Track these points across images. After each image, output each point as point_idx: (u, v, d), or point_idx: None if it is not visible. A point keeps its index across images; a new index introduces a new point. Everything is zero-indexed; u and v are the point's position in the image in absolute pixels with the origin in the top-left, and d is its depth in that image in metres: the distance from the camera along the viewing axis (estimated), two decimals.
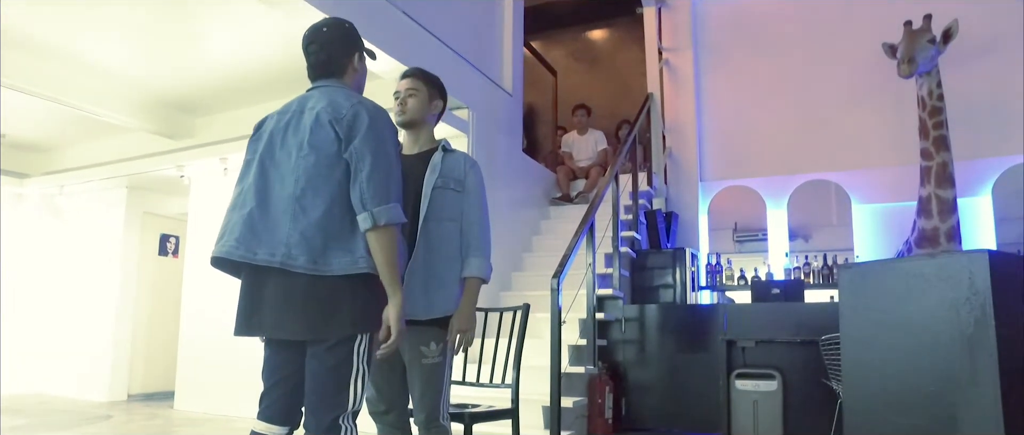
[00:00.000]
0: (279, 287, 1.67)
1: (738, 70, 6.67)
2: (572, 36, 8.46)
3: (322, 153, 1.69)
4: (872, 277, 1.94)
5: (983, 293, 1.56)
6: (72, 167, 6.70)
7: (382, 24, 3.99)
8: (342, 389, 1.67)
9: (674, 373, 4.48)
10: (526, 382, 4.02)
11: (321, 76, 1.88)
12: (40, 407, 5.76)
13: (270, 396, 1.77)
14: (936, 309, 1.68)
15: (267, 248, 1.66)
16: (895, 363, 1.80)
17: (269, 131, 1.82)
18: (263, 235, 1.67)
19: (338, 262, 1.65)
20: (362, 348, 1.71)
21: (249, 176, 1.77)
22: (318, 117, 1.73)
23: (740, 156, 6.50)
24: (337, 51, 1.87)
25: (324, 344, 1.67)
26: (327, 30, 1.89)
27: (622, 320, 4.68)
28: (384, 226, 1.66)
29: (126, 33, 4.50)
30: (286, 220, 1.67)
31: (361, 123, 1.71)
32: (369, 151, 1.68)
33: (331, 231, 1.66)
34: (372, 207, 1.65)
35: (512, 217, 5.48)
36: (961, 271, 1.60)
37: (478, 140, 4.92)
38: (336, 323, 1.66)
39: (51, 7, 4.11)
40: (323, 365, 1.67)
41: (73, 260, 6.91)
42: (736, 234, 6.70)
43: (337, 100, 1.76)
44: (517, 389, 2.70)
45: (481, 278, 2.22)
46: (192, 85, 5.16)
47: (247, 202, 1.73)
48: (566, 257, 3.88)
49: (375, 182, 1.67)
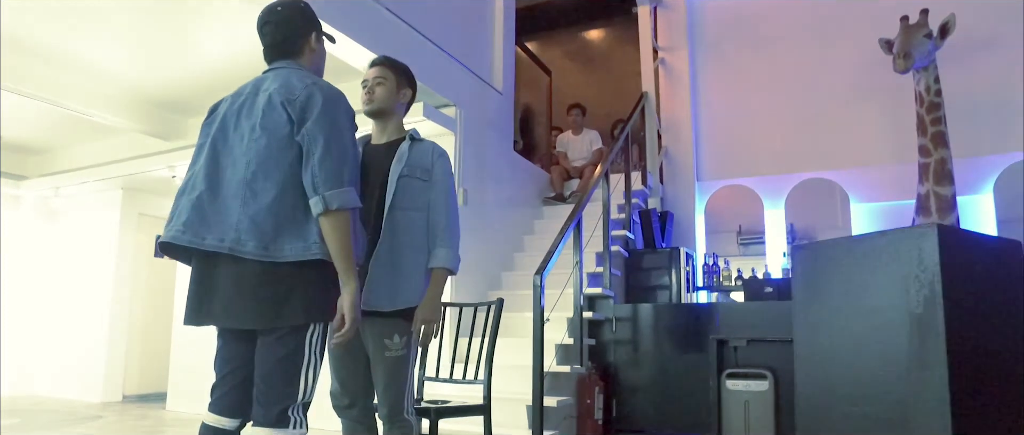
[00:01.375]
0: (229, 274, 1.61)
1: (734, 68, 6.60)
2: (568, 36, 8.43)
3: (274, 136, 1.64)
4: (825, 257, 1.87)
5: (932, 271, 1.48)
6: (68, 169, 6.72)
7: (365, 20, 3.96)
8: (292, 380, 1.62)
9: (665, 373, 4.41)
10: (510, 380, 3.99)
11: (277, 57, 1.82)
12: (35, 407, 5.76)
13: (221, 387, 1.73)
14: (887, 289, 1.61)
15: (216, 233, 1.60)
16: (847, 348, 1.73)
17: (222, 114, 1.76)
18: (212, 220, 1.62)
19: (290, 248, 1.60)
20: (314, 338, 1.66)
21: (200, 159, 1.72)
22: (271, 99, 1.67)
23: (737, 155, 6.42)
24: (292, 31, 1.82)
25: (275, 333, 1.62)
26: (281, 9, 1.84)
27: (613, 319, 4.61)
28: (336, 211, 1.60)
29: (118, 35, 4.50)
30: (236, 204, 1.61)
31: (314, 105, 1.65)
32: (322, 133, 1.63)
33: (283, 216, 1.61)
34: (324, 191, 1.60)
35: (503, 216, 5.44)
36: (911, 248, 1.53)
37: (467, 138, 4.89)
38: (287, 312, 1.60)
39: (46, 10, 4.12)
40: (273, 355, 1.61)
41: (69, 261, 6.93)
42: (740, 237, 6.62)
43: (291, 81, 1.70)
44: (489, 386, 2.64)
45: (448, 269, 2.17)
46: (183, 86, 5.16)
47: (197, 186, 1.67)
48: (550, 254, 3.83)
49: (327, 166, 1.61)
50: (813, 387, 1.83)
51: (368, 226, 2.12)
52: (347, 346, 2.13)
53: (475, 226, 4.89)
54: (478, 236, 4.93)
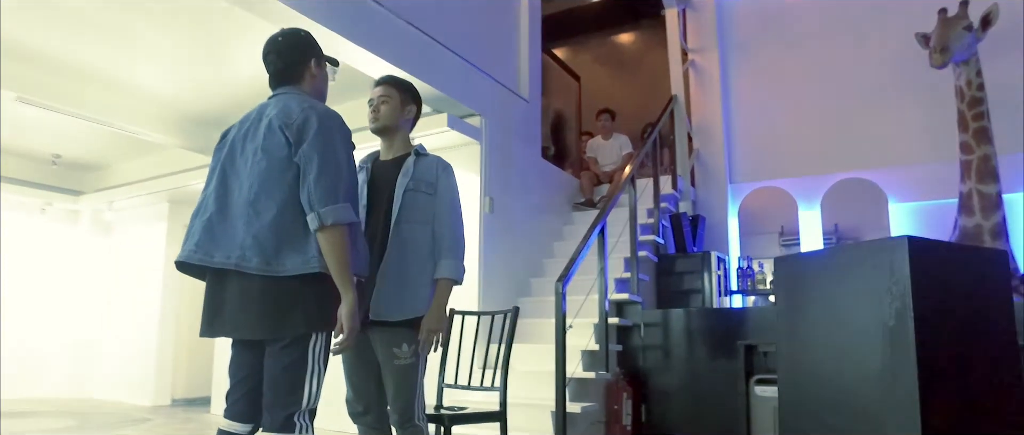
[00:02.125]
0: (236, 289, 1.72)
1: (766, 68, 6.50)
2: (597, 41, 8.42)
3: (273, 158, 1.75)
4: (805, 269, 1.84)
5: (903, 283, 1.45)
6: (119, 184, 7.07)
7: (389, 36, 4.07)
8: (297, 387, 1.71)
9: (695, 379, 4.37)
10: (536, 386, 4.02)
11: (280, 84, 1.94)
12: (91, 409, 6.07)
13: (234, 394, 1.83)
14: (861, 301, 1.59)
15: (223, 251, 1.72)
16: (825, 359, 1.71)
17: (231, 139, 1.89)
18: (220, 239, 1.74)
19: (291, 262, 1.70)
20: (317, 347, 1.75)
21: (211, 183, 1.85)
22: (270, 123, 1.79)
23: (770, 156, 6.32)
24: (293, 59, 1.93)
25: (279, 343, 1.71)
26: (282, 39, 1.95)
27: (640, 325, 4.60)
28: (331, 226, 1.69)
29: (161, 58, 4.78)
30: (241, 224, 1.73)
31: (310, 127, 1.75)
32: (317, 153, 1.72)
33: (284, 233, 1.71)
34: (319, 208, 1.69)
35: (531, 223, 5.47)
36: (883, 261, 1.51)
37: (492, 147, 4.95)
38: (290, 322, 1.70)
39: (98, 38, 4.40)
40: (278, 363, 1.71)
41: (121, 272, 7.28)
42: (783, 238, 6.51)
43: (289, 106, 1.81)
44: (505, 392, 2.69)
45: (453, 279, 2.23)
46: (219, 103, 5.38)
47: (208, 208, 1.80)
48: (573, 261, 3.85)
49: (322, 184, 1.70)
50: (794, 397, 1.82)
51: (376, 239, 2.20)
52: (359, 355, 2.22)
53: (502, 234, 4.94)
54: (505, 243, 4.98)
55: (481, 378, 2.85)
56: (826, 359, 1.73)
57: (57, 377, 7.24)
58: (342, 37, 3.73)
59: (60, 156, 7.09)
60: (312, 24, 3.54)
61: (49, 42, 4.48)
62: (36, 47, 4.56)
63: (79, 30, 4.31)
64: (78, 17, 4.13)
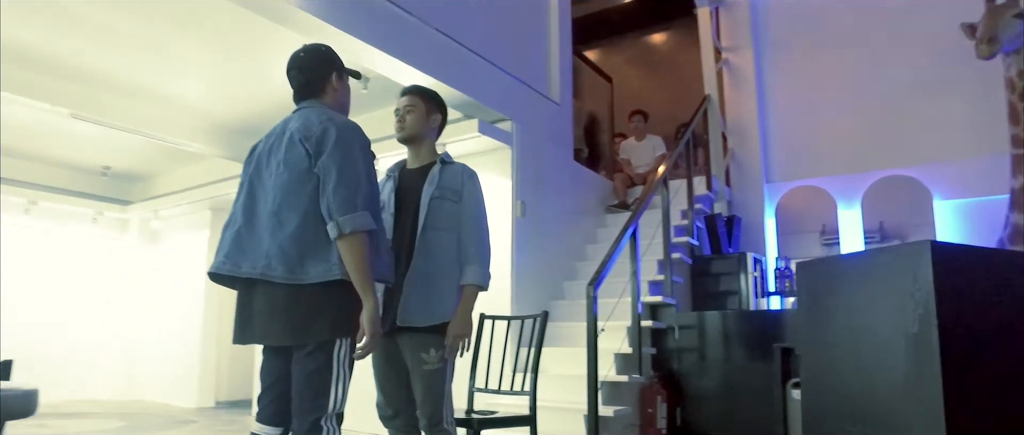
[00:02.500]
0: (264, 297, 1.78)
1: (802, 65, 6.37)
2: (629, 42, 8.37)
3: (295, 170, 1.80)
4: (827, 275, 1.79)
5: (925, 289, 1.40)
6: (164, 193, 7.31)
7: (419, 44, 4.11)
8: (323, 392, 1.75)
9: (731, 382, 4.30)
10: (568, 390, 4.01)
11: (303, 98, 1.99)
12: (141, 411, 6.29)
13: (265, 398, 1.89)
14: (884, 307, 1.53)
15: (250, 261, 1.78)
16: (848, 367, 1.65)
17: (258, 153, 1.95)
18: (248, 249, 1.80)
19: (314, 271, 1.74)
20: (342, 353, 1.79)
21: (240, 196, 1.92)
22: (291, 137, 1.84)
23: (808, 155, 6.18)
24: (314, 74, 1.98)
25: (305, 349, 1.76)
26: (304, 55, 2.00)
27: (674, 328, 4.55)
28: (350, 234, 1.73)
29: (201, 72, 4.96)
30: (266, 234, 1.78)
31: (329, 138, 1.80)
32: (335, 164, 1.77)
33: (306, 242, 1.75)
34: (338, 216, 1.73)
35: (564, 226, 5.47)
36: (906, 266, 1.45)
37: (523, 151, 4.96)
38: (315, 329, 1.74)
39: (140, 55, 4.60)
40: (305, 369, 1.76)
41: (167, 278, 7.53)
42: (824, 237, 6.37)
43: (309, 119, 1.86)
44: (534, 396, 2.69)
45: (478, 285, 2.25)
46: (256, 113, 5.53)
47: (236, 220, 1.87)
48: (604, 264, 3.84)
49: (340, 193, 1.74)
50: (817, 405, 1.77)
51: (403, 246, 2.24)
52: (388, 360, 2.26)
53: (534, 237, 4.95)
54: (538, 247, 4.98)
55: (511, 382, 2.86)
56: (849, 366, 1.68)
57: (108, 379, 7.53)
58: (373, 47, 3.79)
59: (110, 168, 7.38)
60: (344, 35, 3.62)
61: (99, 61, 4.70)
62: (86, 66, 4.78)
63: (126, 49, 4.51)
64: (126, 37, 4.32)
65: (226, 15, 3.76)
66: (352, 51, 3.82)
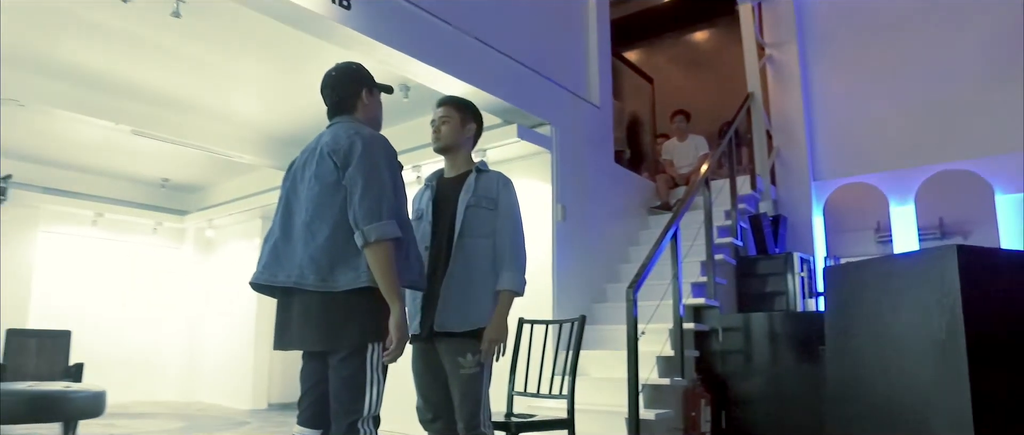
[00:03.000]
0: (300, 305, 1.87)
1: (850, 58, 6.20)
2: (670, 41, 8.28)
3: (325, 183, 1.88)
4: (854, 279, 1.74)
5: (953, 295, 1.35)
6: (218, 203, 7.61)
7: (456, 54, 4.18)
8: (359, 396, 1.82)
9: (777, 384, 4.22)
10: (609, 393, 4.01)
11: (335, 114, 2.08)
12: (198, 413, 6.56)
13: (304, 402, 1.98)
14: (910, 313, 1.49)
15: (285, 271, 1.88)
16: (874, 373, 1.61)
17: (294, 168, 2.05)
18: (284, 260, 1.90)
19: (344, 279, 1.82)
20: (375, 357, 1.85)
21: (278, 210, 2.02)
22: (321, 151, 1.93)
23: (857, 151, 6.02)
24: (345, 91, 2.07)
25: (338, 355, 1.83)
26: (335, 74, 2.10)
27: (718, 330, 4.50)
28: (375, 242, 1.80)
29: (251, 87, 5.18)
30: (300, 245, 1.88)
31: (355, 151, 1.87)
32: (361, 176, 1.84)
33: (336, 251, 1.83)
34: (363, 225, 1.80)
35: (605, 229, 5.45)
36: (932, 270, 1.41)
37: (563, 155, 4.97)
38: (346, 335, 1.82)
39: (195, 73, 4.84)
40: (339, 375, 1.84)
41: (222, 284, 7.84)
42: (878, 235, 6.20)
43: (339, 134, 1.94)
44: (572, 400, 2.71)
45: (513, 291, 2.28)
46: (301, 123, 5.72)
47: (274, 232, 1.97)
48: (644, 267, 3.83)
49: (366, 203, 1.82)
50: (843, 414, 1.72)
51: (441, 253, 2.29)
52: (427, 365, 2.32)
53: (575, 241, 4.96)
54: (579, 250, 4.99)
55: (550, 386, 2.89)
56: (875, 373, 1.65)
57: (169, 382, 7.87)
58: (413, 58, 3.87)
59: (168, 180, 7.73)
60: (383, 47, 3.71)
61: (158, 81, 4.98)
62: (147, 86, 5.05)
63: (184, 69, 4.76)
64: (184, 58, 4.56)
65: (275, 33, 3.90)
66: (392, 62, 3.91)
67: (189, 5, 3.76)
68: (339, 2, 3.44)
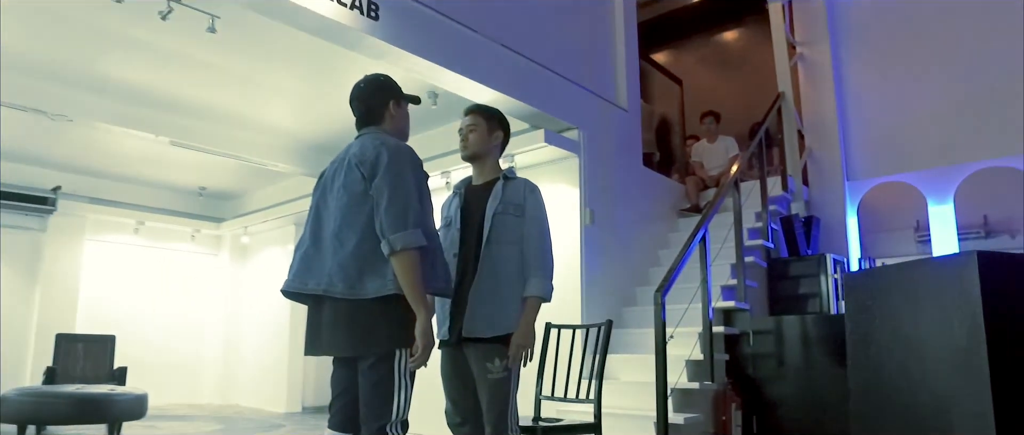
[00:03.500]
0: (329, 312, 1.92)
1: (884, 54, 6.08)
2: (699, 43, 8.22)
3: (352, 193, 1.93)
4: (873, 286, 1.71)
5: (973, 301, 1.32)
6: (253, 210, 7.80)
7: (483, 62, 4.22)
8: (387, 401, 1.86)
9: (811, 389, 4.16)
10: (638, 397, 4.00)
11: (363, 125, 2.13)
12: (235, 415, 6.72)
13: (335, 406, 2.03)
14: (931, 319, 1.45)
15: (315, 278, 1.93)
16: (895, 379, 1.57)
17: (325, 178, 2.11)
18: (313, 268, 1.95)
19: (371, 286, 1.86)
20: (402, 363, 1.89)
21: (309, 219, 2.07)
22: (349, 162, 1.98)
23: (892, 149, 5.89)
24: (372, 102, 2.12)
25: (367, 361, 1.88)
26: (363, 86, 2.15)
27: (749, 333, 4.45)
28: (401, 251, 1.84)
29: (285, 97, 5.32)
30: (329, 254, 1.93)
31: (381, 162, 1.92)
32: (387, 186, 1.89)
33: (364, 260, 1.88)
34: (389, 234, 1.84)
35: (635, 233, 5.44)
36: (952, 276, 1.38)
37: (590, 159, 4.98)
38: (374, 340, 1.86)
39: (230, 85, 5.00)
40: (368, 380, 1.88)
41: (257, 290, 8.02)
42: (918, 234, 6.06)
43: (366, 145, 1.99)
44: (599, 404, 2.73)
45: (540, 297, 2.30)
46: (333, 131, 5.84)
47: (305, 241, 2.03)
48: (672, 270, 3.81)
49: (391, 212, 1.86)
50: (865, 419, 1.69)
51: (469, 260, 2.32)
52: (456, 370, 2.35)
53: (604, 245, 4.96)
54: (608, 254, 4.99)
55: (577, 390, 2.91)
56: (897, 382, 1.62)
57: (208, 385, 8.08)
58: (440, 66, 3.93)
59: (205, 188, 7.95)
60: (410, 56, 3.78)
61: (195, 93, 5.14)
62: (184, 99, 5.22)
63: (217, 81, 4.90)
64: (220, 71, 4.70)
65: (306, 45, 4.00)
66: (419, 70, 3.98)
67: (223, 20, 3.88)
68: (367, 13, 3.52)
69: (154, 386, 5.21)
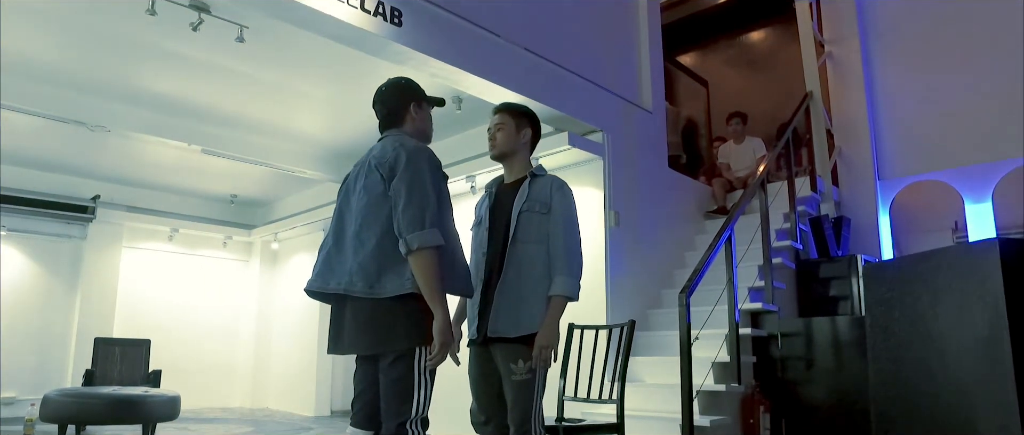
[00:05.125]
0: (351, 310, 1.96)
1: (916, 50, 5.95)
2: (725, 44, 8.14)
3: (372, 194, 1.97)
4: (894, 276, 1.66)
5: (995, 291, 1.28)
6: (283, 217, 7.94)
7: (507, 65, 4.25)
8: (407, 398, 1.88)
9: (841, 392, 4.08)
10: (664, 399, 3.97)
11: (386, 128, 2.17)
12: (265, 418, 6.83)
13: (357, 404, 2.06)
14: (952, 309, 1.41)
15: (336, 278, 1.97)
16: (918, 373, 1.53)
17: (348, 181, 2.15)
18: (335, 268, 1.99)
19: (390, 285, 1.89)
20: (422, 361, 1.91)
21: (332, 221, 2.12)
22: (370, 164, 2.02)
23: (926, 148, 5.76)
24: (394, 104, 2.16)
25: (387, 359, 1.91)
26: (386, 89, 2.19)
27: (778, 335, 4.38)
28: (418, 250, 1.86)
29: (315, 105, 5.43)
30: (350, 254, 1.97)
31: (400, 163, 1.95)
32: (404, 186, 1.91)
33: (383, 259, 1.91)
34: (406, 234, 1.87)
35: (660, 234, 5.41)
36: (973, 265, 1.34)
37: (615, 161, 4.97)
38: (394, 338, 1.88)
39: (261, 95, 5.12)
40: (388, 378, 1.90)
41: (286, 296, 8.15)
42: (956, 235, 5.91)
43: (386, 147, 2.03)
44: (622, 405, 2.71)
45: (566, 296, 2.26)
46: (359, 137, 5.93)
47: (328, 242, 2.07)
48: (697, 271, 3.78)
49: (409, 213, 1.88)
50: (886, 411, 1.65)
51: (496, 259, 2.32)
52: (481, 369, 2.36)
53: (629, 247, 4.94)
54: (633, 256, 4.96)
55: (600, 391, 2.90)
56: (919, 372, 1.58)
57: (239, 389, 8.23)
58: (464, 70, 3.97)
59: (236, 196, 8.12)
60: (435, 62, 3.83)
61: (225, 102, 5.29)
62: (215, 108, 5.37)
63: (247, 89, 5.02)
64: (247, 79, 4.82)
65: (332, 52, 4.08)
66: (444, 75, 4.02)
67: (251, 30, 3.98)
68: (391, 20, 3.57)
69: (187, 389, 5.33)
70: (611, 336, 3.01)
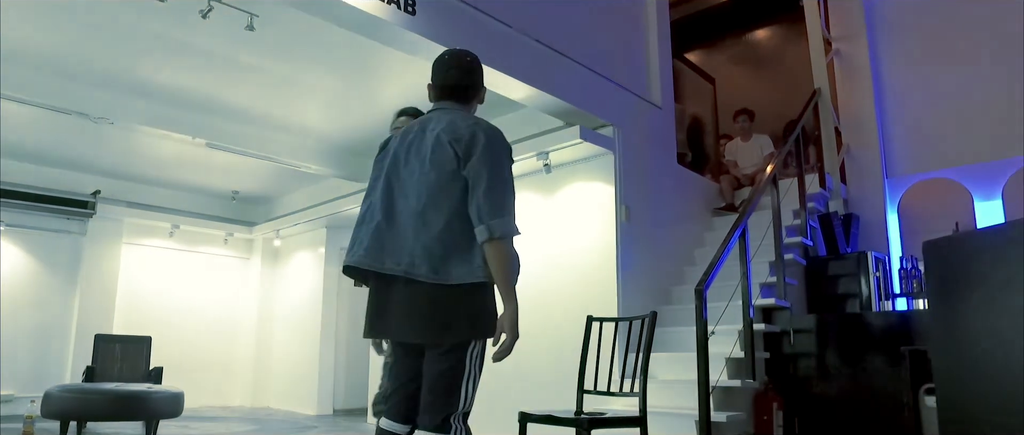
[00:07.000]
0: (403, 294, 1.80)
1: (925, 47, 5.93)
2: (732, 41, 8.12)
3: (443, 171, 1.81)
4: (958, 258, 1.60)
5: None
6: (285, 213, 7.87)
7: (519, 57, 4.20)
8: (454, 391, 1.77)
9: (854, 388, 4.04)
10: (677, 395, 3.93)
11: (446, 98, 1.98)
12: (268, 417, 6.76)
13: (396, 396, 1.91)
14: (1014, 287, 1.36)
15: (393, 258, 1.80)
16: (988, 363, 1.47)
17: (393, 151, 1.97)
18: (389, 246, 1.82)
19: (457, 272, 1.76)
20: (475, 353, 1.80)
21: (376, 192, 1.93)
22: (438, 138, 1.85)
23: (934, 145, 5.74)
24: (474, 80, 2.00)
25: (441, 348, 1.77)
26: (471, 60, 2.01)
27: (790, 331, 4.35)
28: (500, 238, 1.75)
29: (320, 99, 5.36)
30: (410, 233, 1.80)
31: (478, 142, 1.82)
32: (486, 168, 1.79)
33: (450, 243, 1.77)
34: (488, 220, 1.75)
35: (670, 231, 5.37)
36: None
37: (626, 156, 4.93)
38: (454, 329, 1.76)
39: (265, 87, 5.06)
40: (437, 368, 1.77)
41: (288, 293, 8.08)
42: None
43: (456, 122, 1.87)
44: (644, 398, 2.67)
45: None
46: (366, 132, 5.87)
47: (375, 216, 1.89)
48: (712, 266, 3.74)
49: (492, 197, 1.77)
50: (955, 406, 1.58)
51: None
52: None
53: (640, 243, 4.89)
54: (643, 252, 4.92)
55: (619, 384, 2.85)
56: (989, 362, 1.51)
57: (241, 387, 8.15)
58: None
59: (238, 192, 8.04)
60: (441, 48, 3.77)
61: (230, 94, 5.21)
62: (219, 100, 5.29)
63: (252, 81, 4.96)
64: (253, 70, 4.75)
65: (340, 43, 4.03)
66: None
67: (261, 19, 3.92)
68: (404, 8, 3.52)
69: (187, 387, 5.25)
70: (630, 329, 2.96)
